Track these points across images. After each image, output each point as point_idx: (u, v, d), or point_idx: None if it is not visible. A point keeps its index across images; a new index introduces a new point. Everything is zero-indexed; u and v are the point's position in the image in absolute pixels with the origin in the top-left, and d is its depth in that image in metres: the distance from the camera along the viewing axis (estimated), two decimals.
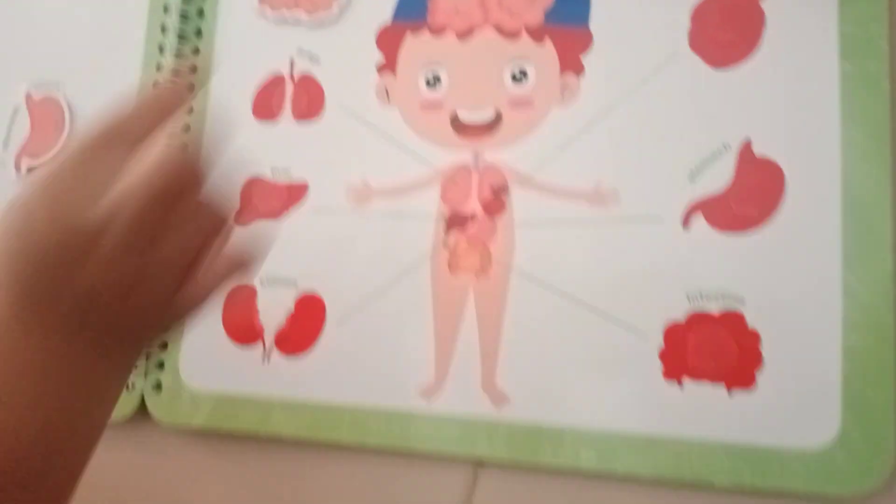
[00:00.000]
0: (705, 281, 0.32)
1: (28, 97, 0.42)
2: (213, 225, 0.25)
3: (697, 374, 0.31)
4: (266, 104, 0.39)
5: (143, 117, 0.25)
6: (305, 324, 0.37)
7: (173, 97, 0.27)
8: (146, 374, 0.38)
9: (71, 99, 0.41)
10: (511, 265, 0.34)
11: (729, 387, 0.31)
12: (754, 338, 0.31)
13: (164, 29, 0.40)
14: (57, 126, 0.41)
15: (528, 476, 0.33)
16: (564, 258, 0.34)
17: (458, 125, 0.36)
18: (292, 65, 0.38)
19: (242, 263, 0.27)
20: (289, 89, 0.38)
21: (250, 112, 0.39)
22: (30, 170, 0.41)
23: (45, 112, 0.42)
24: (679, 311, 0.32)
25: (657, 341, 0.32)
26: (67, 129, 0.41)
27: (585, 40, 0.34)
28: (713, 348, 0.31)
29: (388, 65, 0.37)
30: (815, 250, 0.31)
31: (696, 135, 0.33)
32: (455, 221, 0.35)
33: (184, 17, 0.40)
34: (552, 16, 0.35)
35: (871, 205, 0.30)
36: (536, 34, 0.35)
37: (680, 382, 0.31)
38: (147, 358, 0.38)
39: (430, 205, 0.36)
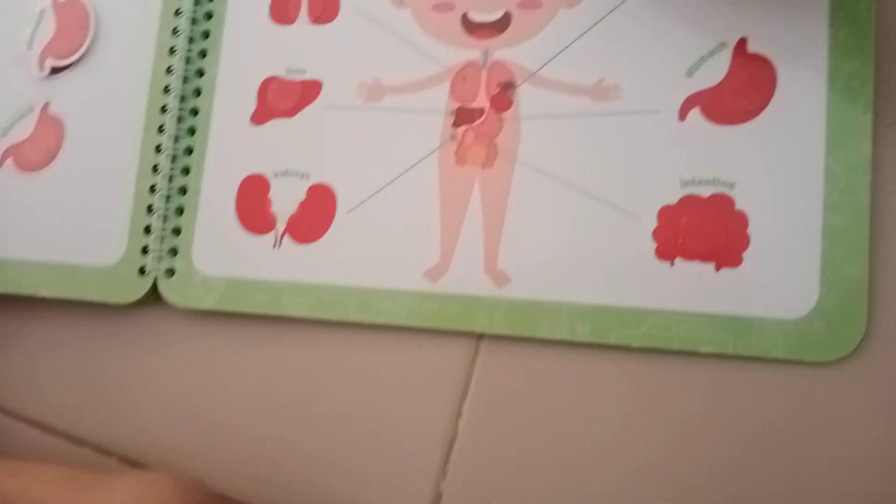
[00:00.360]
0: (699, 169, 0.34)
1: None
2: None
3: (688, 254, 0.33)
4: (283, 7, 0.40)
5: None
6: (316, 212, 0.38)
7: None
8: (159, 260, 0.39)
9: (97, 3, 0.43)
10: (516, 157, 0.36)
11: (718, 266, 0.33)
12: (742, 219, 0.33)
13: None
14: (82, 28, 0.43)
15: (527, 348, 0.35)
16: (567, 150, 0.36)
17: (468, 24, 0.38)
18: None
19: None
20: None
21: (267, 15, 0.41)
22: (54, 69, 0.43)
23: (71, 14, 0.43)
24: (673, 197, 0.34)
25: (651, 223, 0.34)
26: (92, 32, 0.42)
27: None
28: (703, 229, 0.33)
29: None
30: (801, 139, 0.33)
31: (695, 34, 0.35)
32: (463, 116, 0.37)
33: None
34: None
35: (852, 97, 0.32)
36: None
37: (672, 262, 0.33)
38: (161, 243, 0.39)
39: (439, 101, 0.38)
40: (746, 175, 0.33)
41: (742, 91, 0.34)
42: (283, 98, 0.40)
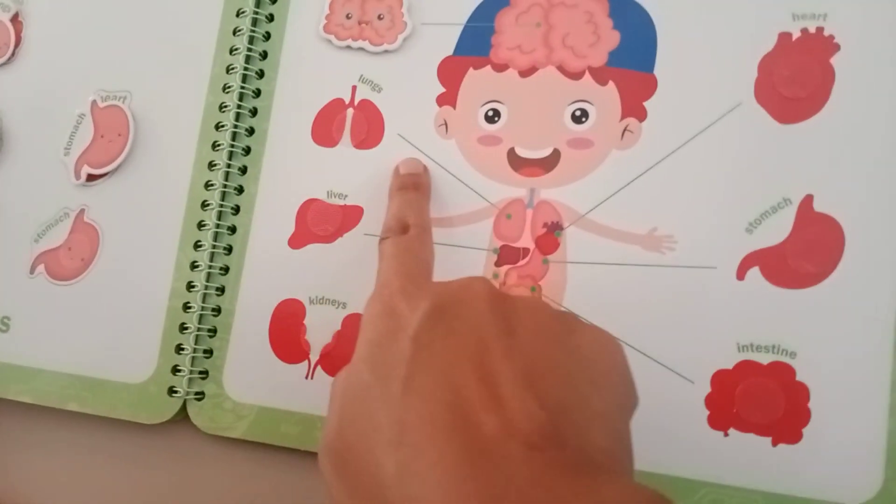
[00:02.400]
0: (758, 333, 0.32)
1: (93, 104, 0.43)
2: None
3: (743, 425, 0.31)
4: (326, 129, 0.39)
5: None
6: (352, 345, 0.37)
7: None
8: (190, 382, 0.38)
9: (136, 109, 0.42)
10: (561, 303, 0.35)
11: (775, 441, 0.31)
12: (804, 391, 0.31)
13: (232, 50, 0.41)
14: (120, 136, 0.42)
15: None
16: (615, 300, 0.34)
17: (515, 160, 0.36)
18: (354, 92, 0.39)
19: None
20: (349, 116, 0.39)
21: (310, 136, 0.39)
22: (90, 176, 0.42)
23: (109, 120, 0.43)
24: (728, 361, 0.32)
25: (704, 388, 0.32)
26: (131, 140, 0.42)
27: (649, 85, 0.35)
28: (761, 399, 0.31)
29: (449, 97, 0.38)
30: (869, 309, 0.31)
31: (756, 187, 0.33)
32: (507, 256, 0.36)
33: (251, 38, 0.41)
34: (616, 58, 0.35)
35: None
36: (600, 76, 0.35)
37: (726, 432, 0.32)
38: (192, 364, 0.38)
39: (482, 238, 0.36)
40: (810, 344, 0.31)
41: (807, 252, 0.32)
42: (322, 223, 0.38)
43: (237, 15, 0.42)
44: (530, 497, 0.19)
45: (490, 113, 0.37)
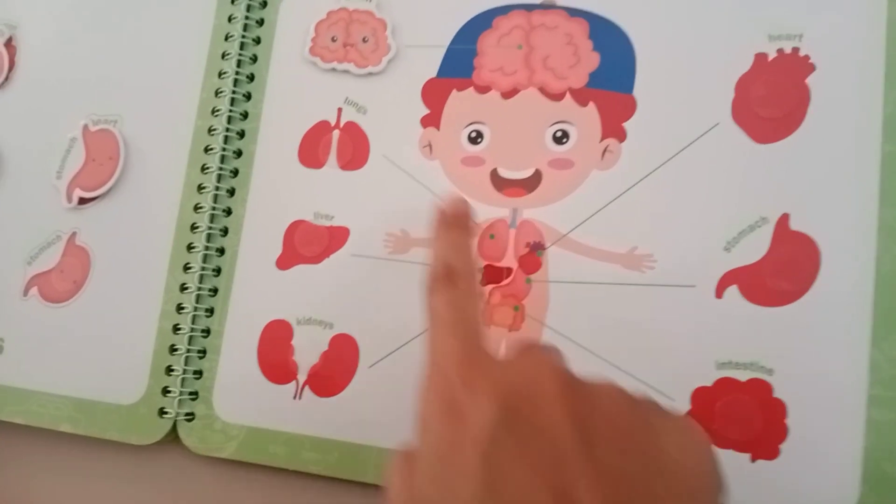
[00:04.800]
0: (735, 350, 0.33)
1: (85, 129, 0.43)
2: None
3: (722, 442, 0.32)
4: (312, 151, 0.40)
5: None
6: (338, 364, 0.38)
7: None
8: (180, 403, 0.39)
9: (126, 133, 0.43)
10: (543, 322, 0.35)
11: (754, 457, 0.31)
12: (780, 408, 0.31)
13: (220, 74, 0.42)
14: (111, 159, 0.43)
15: None
16: (596, 319, 0.34)
17: (497, 180, 0.37)
18: (339, 114, 0.40)
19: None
20: (335, 137, 0.40)
21: (296, 158, 0.40)
22: (82, 199, 0.42)
23: (100, 144, 0.43)
24: (707, 378, 0.33)
25: (684, 405, 0.33)
26: (121, 164, 0.42)
27: (629, 106, 0.35)
28: (739, 416, 0.32)
29: (433, 119, 0.38)
30: (845, 326, 0.31)
31: (734, 206, 0.33)
32: (490, 275, 0.36)
33: (239, 62, 0.42)
34: (597, 80, 0.36)
35: None
36: (580, 97, 0.36)
37: None
38: (182, 385, 0.39)
39: None
40: (786, 362, 0.32)
41: (783, 271, 0.32)
42: (309, 244, 0.39)
43: (225, 39, 0.43)
44: None
45: (473, 134, 0.37)
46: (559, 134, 0.36)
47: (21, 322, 0.43)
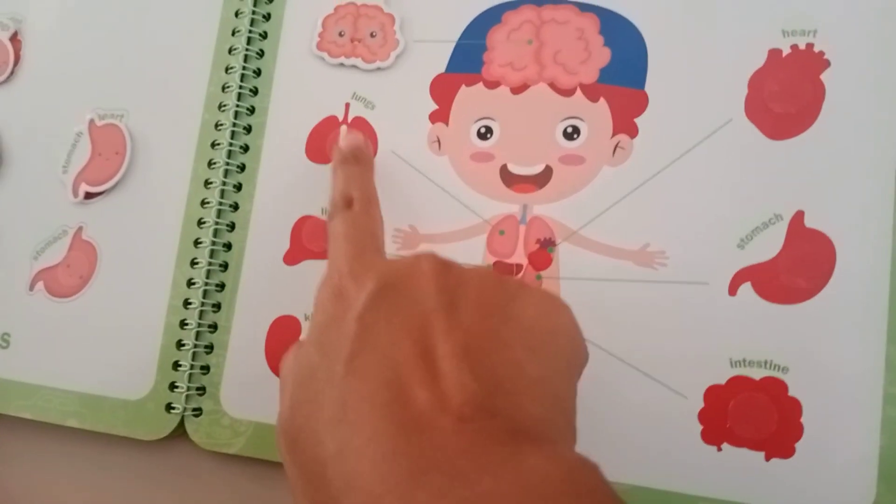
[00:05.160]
0: (749, 347, 0.32)
1: (91, 123, 0.43)
2: None
3: (736, 440, 0.32)
4: (320, 146, 0.40)
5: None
6: None
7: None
8: (187, 398, 0.39)
9: (133, 128, 0.43)
10: None
11: (768, 455, 0.31)
12: (796, 406, 0.31)
13: (227, 69, 0.42)
14: (118, 154, 0.42)
15: None
16: (608, 316, 0.34)
17: (507, 176, 0.36)
18: (347, 109, 0.39)
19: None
20: (343, 132, 0.39)
21: (304, 153, 0.40)
22: (88, 194, 0.42)
23: (107, 138, 0.43)
24: (721, 376, 0.32)
25: (698, 403, 0.32)
26: (128, 158, 0.42)
27: (640, 102, 0.35)
28: (753, 414, 0.32)
29: (441, 114, 0.38)
30: (861, 324, 0.31)
31: (747, 203, 0.33)
32: (500, 272, 0.36)
33: (246, 56, 0.41)
34: (608, 75, 0.36)
35: None
36: (591, 93, 0.36)
37: (719, 447, 0.32)
38: (189, 381, 0.39)
39: (476, 254, 0.36)
40: (801, 359, 0.31)
41: (798, 268, 0.32)
42: (317, 239, 0.39)
43: (232, 34, 0.42)
44: (456, 467, 0.20)
45: (482, 130, 0.37)
46: (570, 129, 0.35)
47: (27, 317, 0.43)
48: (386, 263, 0.28)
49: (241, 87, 0.42)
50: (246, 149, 0.41)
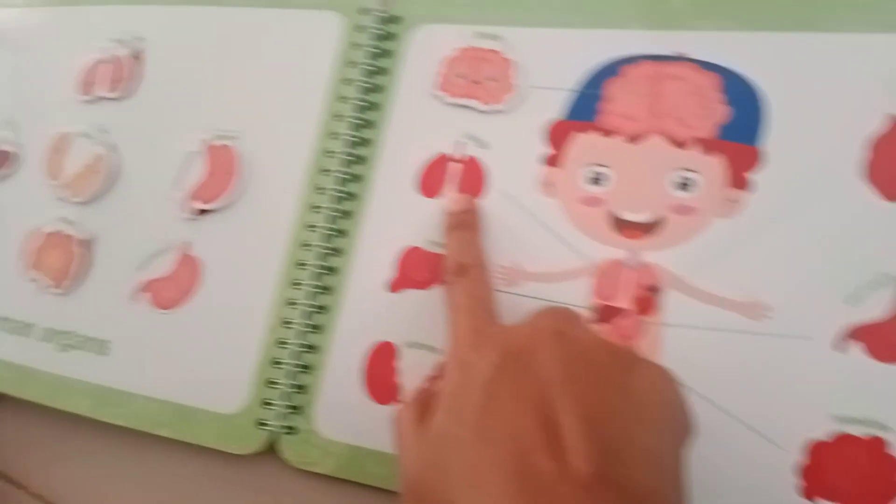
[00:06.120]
0: (852, 404, 0.33)
1: (205, 143, 0.45)
2: None
3: (832, 495, 0.32)
4: (430, 181, 0.41)
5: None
6: None
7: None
8: (281, 416, 0.39)
9: (245, 150, 0.44)
10: None
11: None
12: (893, 465, 0.31)
13: (342, 99, 0.43)
14: (230, 174, 0.44)
15: None
16: (710, 365, 0.35)
17: (617, 222, 0.37)
18: (460, 147, 0.41)
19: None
20: (454, 170, 0.41)
21: (414, 186, 0.41)
22: (198, 211, 0.44)
23: (220, 159, 0.45)
24: (821, 431, 0.33)
25: (795, 456, 0.33)
26: (240, 180, 0.44)
27: (755, 158, 0.36)
28: (851, 470, 0.32)
29: (554, 158, 0.39)
30: None
31: (858, 261, 0.34)
32: (604, 314, 0.36)
33: (362, 89, 0.43)
34: (724, 131, 0.37)
35: None
36: (707, 147, 0.37)
37: (814, 502, 0.32)
38: (283, 399, 0.40)
39: (580, 295, 0.37)
40: None
41: None
42: (421, 269, 0.40)
43: (349, 66, 0.44)
44: None
45: (594, 175, 0.38)
46: (683, 180, 0.37)
47: (128, 325, 0.44)
48: (504, 333, 0.31)
49: (355, 117, 0.43)
50: (356, 178, 0.43)
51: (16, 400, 0.45)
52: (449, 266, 0.37)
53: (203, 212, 0.44)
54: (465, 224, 0.38)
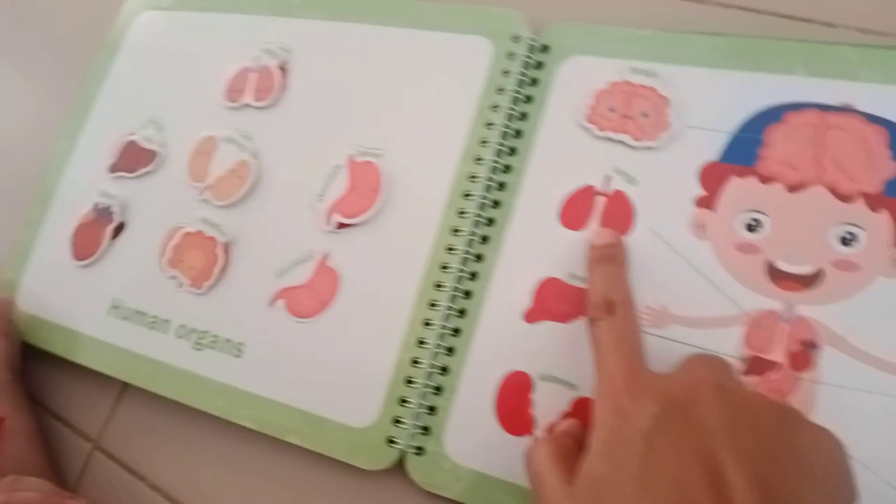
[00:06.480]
0: None
1: (350, 158, 0.46)
2: None
3: None
4: (574, 212, 0.41)
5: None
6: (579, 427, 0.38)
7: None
8: (411, 436, 0.40)
9: (389, 168, 0.45)
10: None
11: None
12: None
13: (488, 125, 0.43)
14: (373, 191, 0.45)
15: None
16: (869, 429, 0.34)
17: (773, 272, 0.37)
18: (608, 181, 0.40)
19: None
20: (600, 203, 0.40)
21: (556, 217, 0.41)
22: (340, 224, 0.45)
23: (364, 175, 0.45)
24: None
25: None
26: (383, 198, 0.44)
27: None
28: None
29: (708, 200, 0.38)
30: None
31: None
32: (755, 366, 0.36)
33: (509, 116, 0.43)
34: (892, 188, 0.36)
35: None
36: (873, 202, 0.36)
37: None
38: (414, 419, 0.40)
39: (730, 344, 0.37)
40: None
41: None
42: (561, 302, 0.40)
43: (497, 92, 0.44)
44: None
45: (751, 222, 0.37)
46: (846, 235, 0.36)
47: (264, 330, 0.45)
48: (662, 382, 0.31)
49: (500, 143, 0.43)
50: (497, 204, 0.43)
51: (142, 392, 0.47)
52: (595, 301, 0.36)
53: (342, 225, 0.45)
54: (612, 258, 0.38)
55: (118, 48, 0.58)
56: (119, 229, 0.51)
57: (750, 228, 0.37)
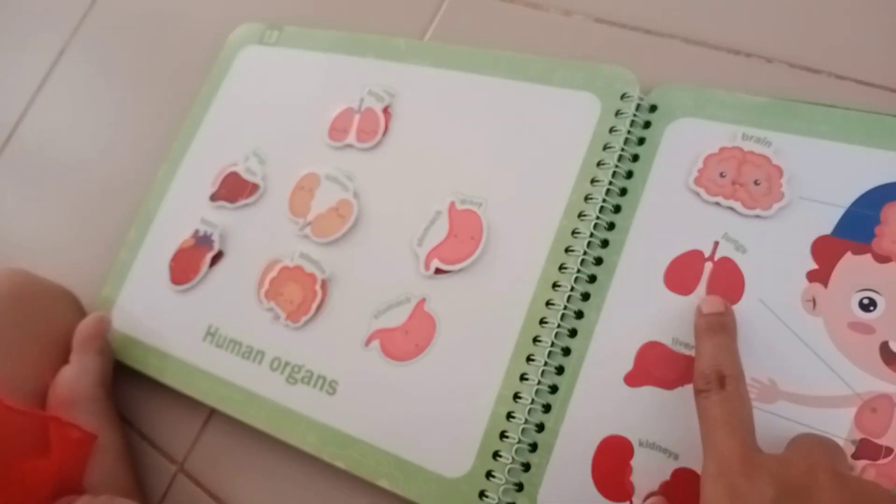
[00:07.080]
0: None
1: (451, 205, 0.46)
2: None
3: None
4: (680, 276, 0.41)
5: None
6: (678, 501, 0.37)
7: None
8: (503, 491, 0.40)
9: (490, 217, 0.45)
10: None
11: None
12: None
13: (593, 181, 0.44)
14: (473, 240, 0.45)
15: None
16: None
17: (888, 354, 0.36)
18: (716, 247, 0.40)
19: None
20: (707, 269, 0.40)
21: (661, 279, 0.41)
22: (438, 270, 0.45)
23: (464, 222, 0.46)
24: None
25: None
26: (483, 246, 0.45)
27: None
28: None
29: (820, 275, 0.38)
30: None
31: None
32: (866, 451, 0.35)
33: (614, 174, 0.43)
34: None
35: None
36: None
37: None
38: (508, 474, 0.40)
39: (840, 425, 0.36)
40: None
41: None
42: (664, 368, 0.39)
43: (604, 149, 0.44)
44: None
45: (865, 301, 0.37)
46: None
47: (358, 370, 0.46)
48: (778, 464, 0.31)
49: (604, 201, 0.43)
50: (599, 261, 0.43)
51: (228, 419, 0.48)
52: (705, 373, 0.35)
53: (440, 271, 0.45)
54: (723, 328, 0.37)
55: (222, 79, 0.60)
56: (217, 257, 0.52)
57: (864, 307, 0.37)
